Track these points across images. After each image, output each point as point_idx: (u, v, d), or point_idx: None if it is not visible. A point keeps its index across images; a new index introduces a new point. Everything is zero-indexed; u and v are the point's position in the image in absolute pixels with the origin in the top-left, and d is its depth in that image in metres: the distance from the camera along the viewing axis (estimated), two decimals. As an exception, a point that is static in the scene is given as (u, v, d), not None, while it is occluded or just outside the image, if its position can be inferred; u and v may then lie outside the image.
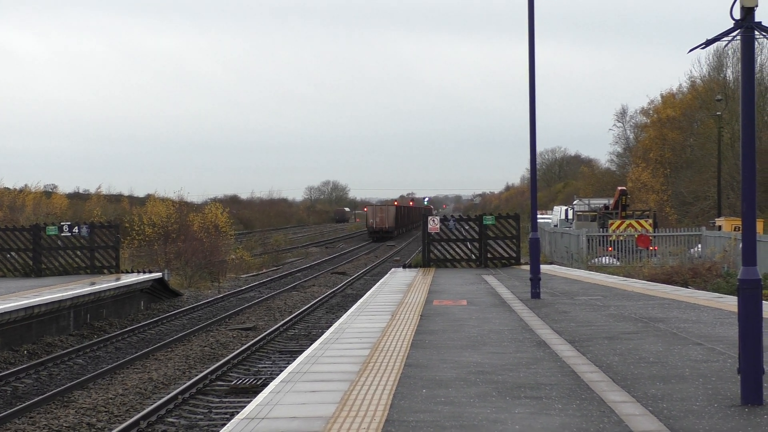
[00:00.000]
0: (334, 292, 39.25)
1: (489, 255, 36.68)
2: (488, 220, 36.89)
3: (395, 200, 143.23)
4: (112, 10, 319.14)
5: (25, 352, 23.55)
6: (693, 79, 75.24)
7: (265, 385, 16.06)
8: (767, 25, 9.85)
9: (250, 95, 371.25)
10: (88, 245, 36.37)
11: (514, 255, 36.69)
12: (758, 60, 65.31)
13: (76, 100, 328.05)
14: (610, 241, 46.42)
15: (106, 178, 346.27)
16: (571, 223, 61.97)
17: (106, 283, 30.82)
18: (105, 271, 36.14)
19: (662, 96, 79.85)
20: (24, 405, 16.93)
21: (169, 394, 17.83)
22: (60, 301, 26.06)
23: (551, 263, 43.03)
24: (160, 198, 66.28)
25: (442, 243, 36.76)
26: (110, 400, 17.76)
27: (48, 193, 79.39)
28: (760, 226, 41.69)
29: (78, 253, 36.39)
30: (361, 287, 40.82)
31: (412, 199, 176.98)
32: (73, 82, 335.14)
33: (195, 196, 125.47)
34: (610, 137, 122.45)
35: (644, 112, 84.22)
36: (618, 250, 45.49)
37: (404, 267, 37.53)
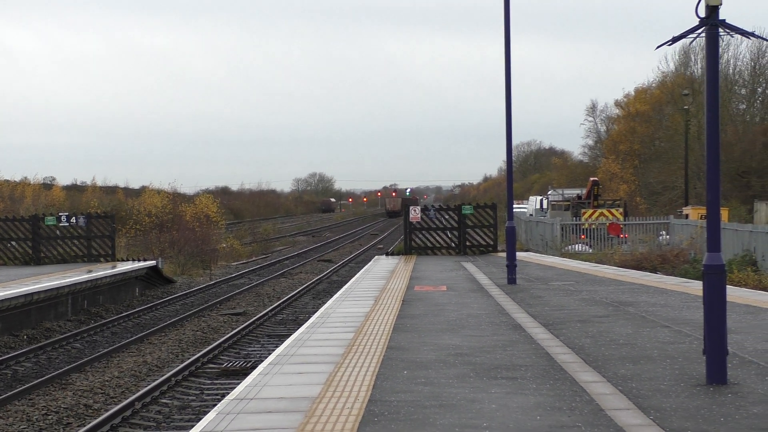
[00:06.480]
0: (320, 278, 39.54)
1: (468, 243, 37.23)
2: (467, 210, 37.39)
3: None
4: (106, 7, 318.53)
5: (25, 336, 23.81)
6: (664, 74, 75.72)
7: (254, 367, 16.25)
8: (731, 23, 10.11)
9: (241, 91, 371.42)
10: (85, 235, 36.75)
11: (491, 243, 37.26)
12: (723, 57, 65.81)
13: (72, 95, 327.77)
14: (583, 229, 47.08)
15: (102, 171, 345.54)
16: (546, 213, 62.58)
17: (102, 271, 31.14)
18: (101, 259, 36.52)
19: (636, 90, 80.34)
20: (24, 387, 17.22)
21: (162, 376, 18.10)
22: (58, 288, 26.35)
23: (527, 251, 43.33)
24: (155, 189, 66.59)
25: (423, 231, 37.30)
26: (106, 383, 18.06)
27: (47, 185, 79.34)
28: (724, 214, 42.25)
29: (75, 242, 36.78)
30: (346, 274, 41.07)
31: (395, 190, 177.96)
32: (69, 77, 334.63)
33: (188, 187, 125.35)
34: (582, 131, 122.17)
35: (618, 104, 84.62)
36: (590, 238, 46.11)
37: (387, 255, 37.96)
